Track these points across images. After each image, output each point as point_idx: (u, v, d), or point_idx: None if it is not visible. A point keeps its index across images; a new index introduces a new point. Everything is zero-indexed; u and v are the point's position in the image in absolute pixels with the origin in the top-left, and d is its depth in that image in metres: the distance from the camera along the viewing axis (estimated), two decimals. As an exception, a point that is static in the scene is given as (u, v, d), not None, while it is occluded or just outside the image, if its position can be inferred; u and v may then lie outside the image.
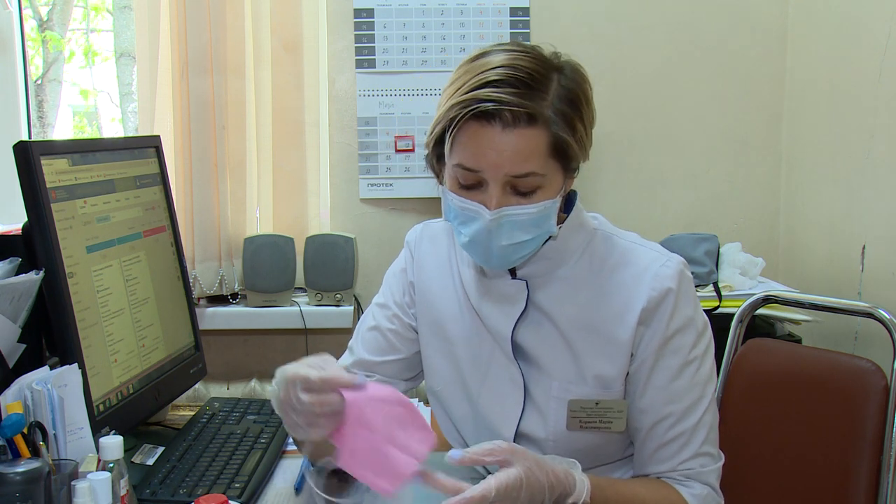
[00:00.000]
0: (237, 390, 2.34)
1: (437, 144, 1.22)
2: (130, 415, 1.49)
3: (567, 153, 1.18)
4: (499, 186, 1.16)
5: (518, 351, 1.30)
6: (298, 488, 1.37)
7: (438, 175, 1.26)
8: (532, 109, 1.14)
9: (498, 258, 1.22)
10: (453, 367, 1.36)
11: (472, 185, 1.19)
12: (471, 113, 1.14)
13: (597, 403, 1.26)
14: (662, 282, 1.23)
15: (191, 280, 2.07)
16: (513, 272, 1.29)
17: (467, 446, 1.38)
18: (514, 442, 1.31)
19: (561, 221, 1.29)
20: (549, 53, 1.22)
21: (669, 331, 1.23)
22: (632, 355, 1.25)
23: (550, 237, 1.25)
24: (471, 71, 1.18)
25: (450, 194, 1.21)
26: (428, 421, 1.64)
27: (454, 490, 1.08)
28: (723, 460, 1.28)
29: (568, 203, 1.31)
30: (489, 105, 1.13)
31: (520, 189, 1.17)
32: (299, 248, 2.27)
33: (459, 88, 1.17)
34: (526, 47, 1.21)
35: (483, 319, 1.32)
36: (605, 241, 1.29)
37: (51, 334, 1.39)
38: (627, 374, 1.27)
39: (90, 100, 2.96)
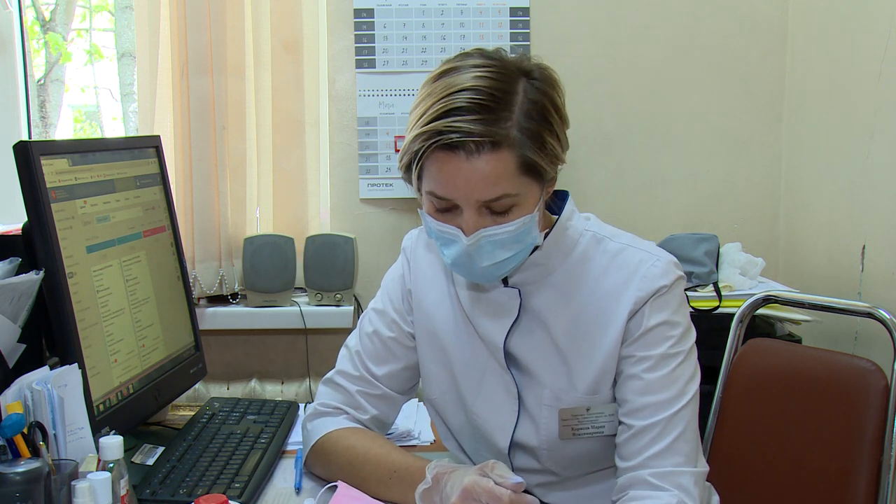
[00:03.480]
0: (237, 390, 2.34)
1: (409, 170, 1.21)
2: (130, 415, 1.49)
3: (537, 170, 1.17)
4: (472, 211, 1.16)
5: (510, 359, 1.29)
6: (298, 488, 1.37)
7: (419, 192, 1.25)
8: (495, 136, 1.12)
9: (482, 276, 1.22)
10: (449, 376, 1.36)
11: (447, 209, 1.18)
12: (429, 146, 1.14)
13: (588, 409, 1.25)
14: (651, 282, 1.22)
15: (191, 280, 2.07)
16: (505, 280, 1.29)
17: (465, 453, 1.39)
18: (509, 451, 1.31)
19: (551, 223, 1.28)
20: (517, 58, 1.19)
21: (652, 322, 1.22)
22: (619, 357, 1.24)
23: (537, 247, 1.25)
24: (433, 94, 1.15)
25: (427, 217, 1.21)
26: (428, 425, 1.65)
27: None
28: (703, 469, 1.21)
29: (559, 204, 1.31)
30: (451, 137, 1.12)
31: (495, 209, 1.16)
32: (299, 248, 2.27)
33: (423, 116, 1.15)
34: (490, 59, 1.18)
35: (476, 328, 1.31)
36: (596, 244, 1.28)
37: (51, 334, 1.39)
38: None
39: (91, 99, 2.96)
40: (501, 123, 1.13)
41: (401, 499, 1.24)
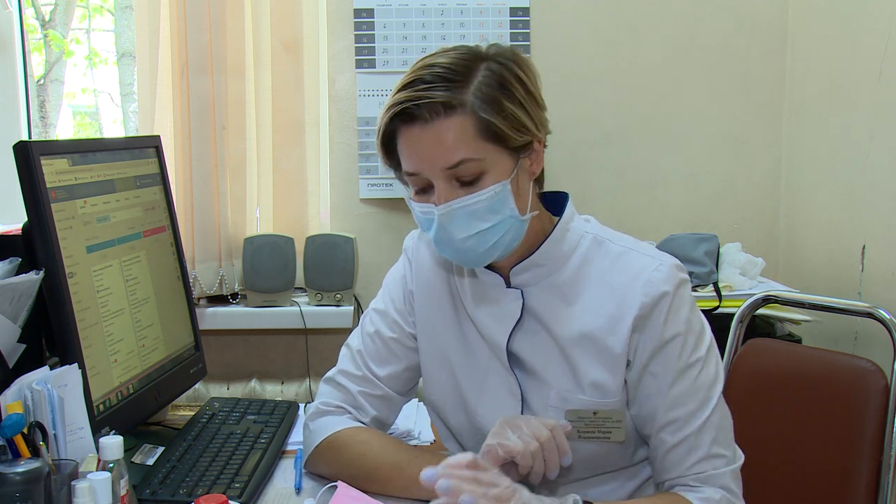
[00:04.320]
0: (237, 390, 2.34)
1: (387, 158, 1.25)
2: (130, 415, 1.49)
3: (498, 134, 1.17)
4: (441, 182, 1.18)
5: (514, 360, 1.29)
6: (298, 488, 1.37)
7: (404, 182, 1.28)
8: (447, 99, 1.15)
9: (466, 252, 1.22)
10: (450, 377, 1.36)
11: (424, 188, 1.21)
12: (389, 118, 1.18)
13: (595, 413, 1.25)
14: (656, 286, 1.21)
15: (191, 280, 2.07)
16: (508, 281, 1.29)
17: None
18: None
19: (552, 224, 1.29)
20: (485, 47, 1.22)
21: (665, 336, 1.22)
22: (628, 363, 1.24)
23: (545, 241, 1.26)
24: (398, 82, 1.20)
25: (412, 203, 1.23)
26: (428, 425, 1.65)
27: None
28: (740, 461, 1.26)
29: (558, 205, 1.31)
30: (405, 105, 1.16)
31: (463, 179, 1.18)
32: (299, 248, 2.27)
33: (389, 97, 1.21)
34: (458, 46, 1.22)
35: (479, 329, 1.31)
36: (597, 246, 1.28)
37: (51, 334, 1.39)
38: (626, 381, 1.25)
39: (91, 99, 2.96)
40: (456, 91, 1.16)
41: (413, 482, 1.19)
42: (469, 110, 1.16)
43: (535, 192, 1.26)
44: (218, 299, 2.32)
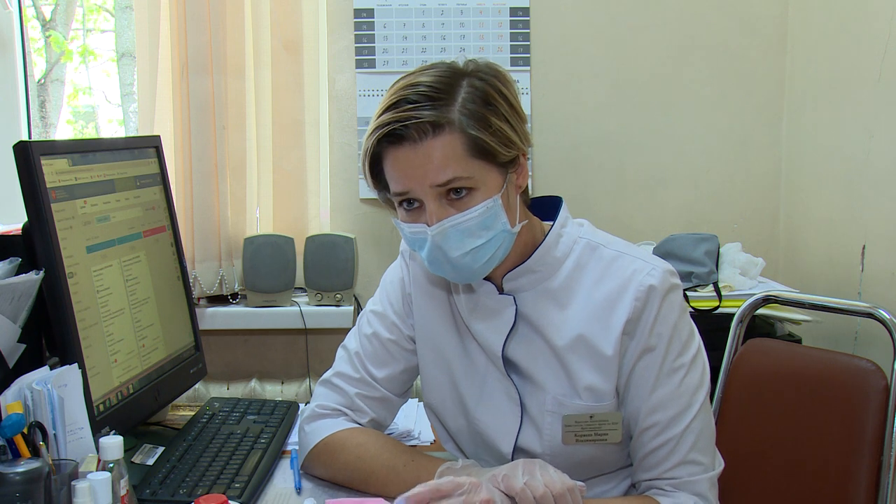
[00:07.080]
0: (237, 390, 2.34)
1: (373, 180, 1.25)
2: (130, 415, 1.49)
3: (487, 150, 1.17)
4: (432, 201, 1.17)
5: (510, 366, 1.29)
6: (299, 488, 1.37)
7: (391, 204, 1.27)
8: (435, 118, 1.14)
9: (462, 269, 1.21)
10: (449, 382, 1.35)
11: (413, 208, 1.20)
12: (376, 140, 1.17)
13: (591, 417, 1.25)
14: (646, 292, 1.21)
15: (191, 280, 2.07)
16: (500, 288, 1.29)
17: (466, 456, 1.38)
18: (513, 457, 1.30)
19: (545, 230, 1.29)
20: (463, 63, 1.22)
21: (651, 339, 1.22)
22: (620, 367, 1.24)
23: (538, 248, 1.26)
24: (384, 98, 1.20)
25: (402, 225, 1.22)
26: (428, 425, 1.65)
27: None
28: (719, 469, 1.27)
29: (553, 210, 1.31)
30: (393, 126, 1.15)
31: (454, 197, 1.17)
32: (299, 248, 2.27)
33: (373, 119, 1.20)
34: (437, 64, 1.21)
35: (475, 337, 1.31)
36: (590, 251, 1.28)
37: (51, 334, 1.39)
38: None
39: (91, 100, 2.96)
40: (443, 109, 1.15)
41: (410, 486, 1.21)
42: (457, 128, 1.15)
43: (522, 203, 1.26)
44: (218, 299, 2.32)
